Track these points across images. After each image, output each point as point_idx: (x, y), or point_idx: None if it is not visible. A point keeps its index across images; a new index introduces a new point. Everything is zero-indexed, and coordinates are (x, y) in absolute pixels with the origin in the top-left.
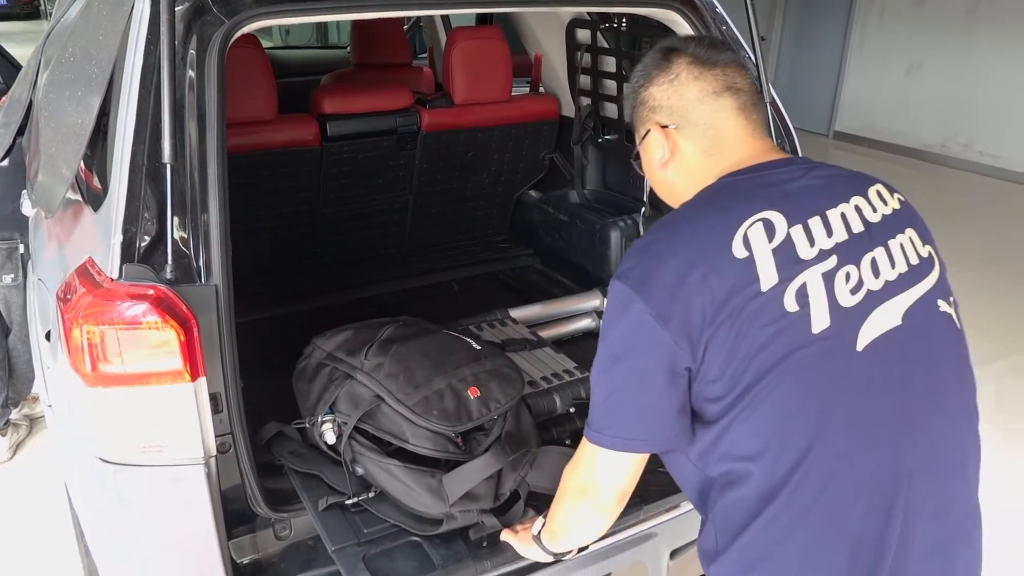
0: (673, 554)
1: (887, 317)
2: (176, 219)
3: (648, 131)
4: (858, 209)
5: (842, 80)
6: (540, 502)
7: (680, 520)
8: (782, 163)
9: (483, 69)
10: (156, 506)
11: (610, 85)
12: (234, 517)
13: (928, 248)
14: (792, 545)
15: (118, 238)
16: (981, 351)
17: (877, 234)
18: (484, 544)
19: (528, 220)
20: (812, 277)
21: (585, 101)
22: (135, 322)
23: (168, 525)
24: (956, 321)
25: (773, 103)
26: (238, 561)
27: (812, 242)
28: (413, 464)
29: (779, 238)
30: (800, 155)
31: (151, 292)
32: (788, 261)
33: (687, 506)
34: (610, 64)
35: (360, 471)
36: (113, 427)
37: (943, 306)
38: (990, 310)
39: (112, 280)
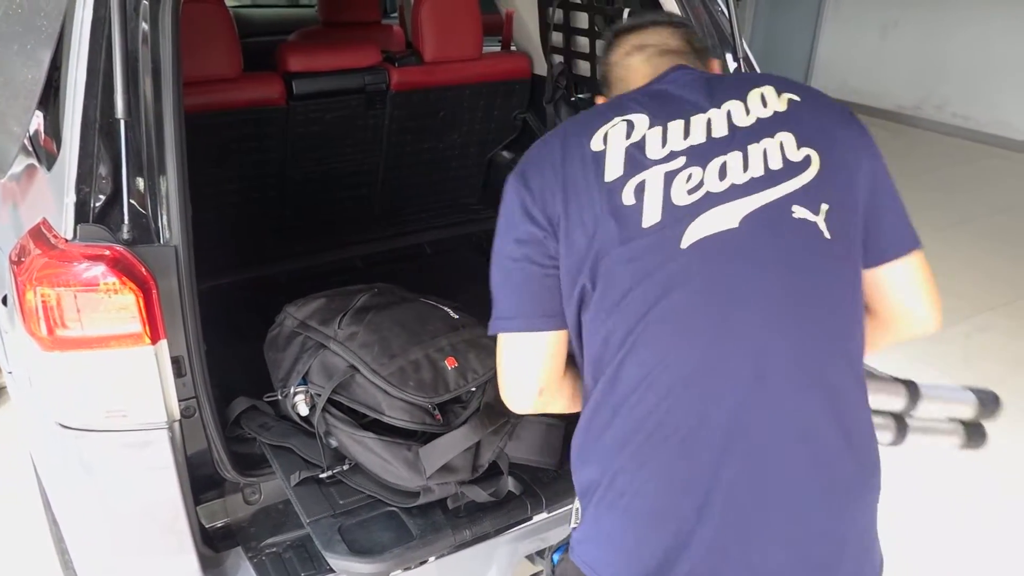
0: None
1: (721, 219)
2: (132, 178)
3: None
4: (729, 114)
5: (817, 41)
6: (523, 472)
7: None
8: (670, 71)
9: (453, 26)
10: (120, 472)
11: (583, 42)
12: (202, 482)
13: (806, 151)
14: (607, 433)
15: (71, 198)
16: (951, 309)
17: (740, 138)
18: (462, 513)
19: (501, 181)
20: (653, 175)
21: (557, 59)
22: (92, 284)
23: (134, 491)
24: (822, 230)
25: (746, 59)
26: (207, 526)
27: (664, 143)
28: (389, 436)
29: (635, 137)
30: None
31: (107, 253)
32: (635, 159)
33: None
34: (582, 20)
35: (334, 443)
36: (73, 392)
37: (800, 212)
38: (960, 269)
39: (67, 241)
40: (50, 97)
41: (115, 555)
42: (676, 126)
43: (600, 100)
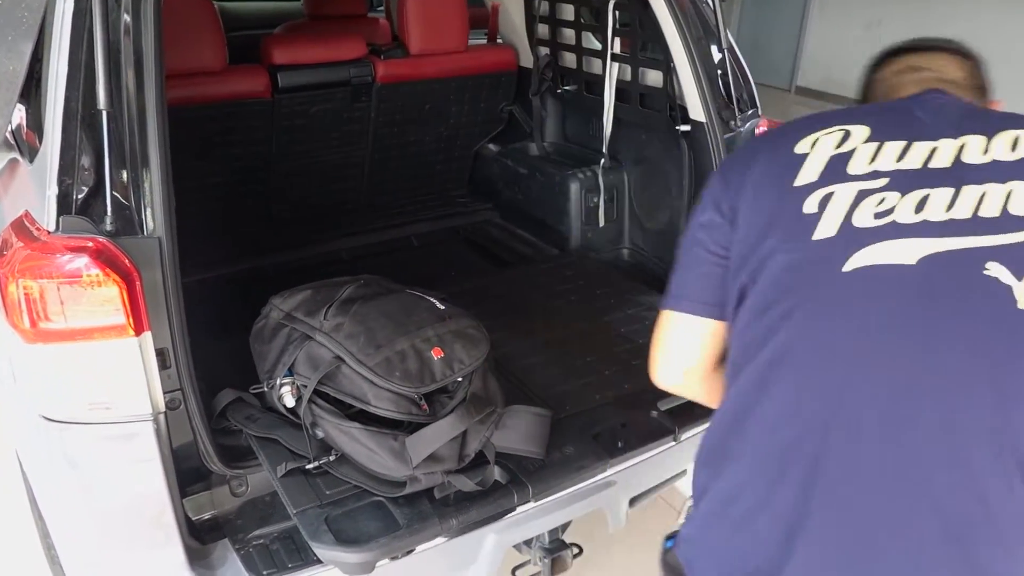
0: (632, 502)
1: (897, 252)
2: (115, 169)
3: None
4: (962, 148)
5: (804, 35)
6: (509, 461)
7: (639, 468)
8: (926, 92)
9: (439, 18)
10: (105, 465)
11: (568, 34)
12: (189, 475)
13: None
14: (733, 442)
15: (54, 189)
16: None
17: (960, 175)
18: (449, 503)
19: (487, 174)
20: (844, 190)
21: (544, 51)
22: (75, 276)
23: (119, 484)
24: (1017, 298)
25: (731, 49)
26: (194, 518)
27: (872, 160)
28: (375, 427)
29: (844, 148)
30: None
31: (90, 244)
32: (835, 169)
33: (646, 456)
34: (568, 12)
35: (320, 434)
36: (56, 385)
37: (995, 271)
38: None
39: (49, 233)
40: (32, 89)
41: (101, 549)
42: (894, 146)
43: None
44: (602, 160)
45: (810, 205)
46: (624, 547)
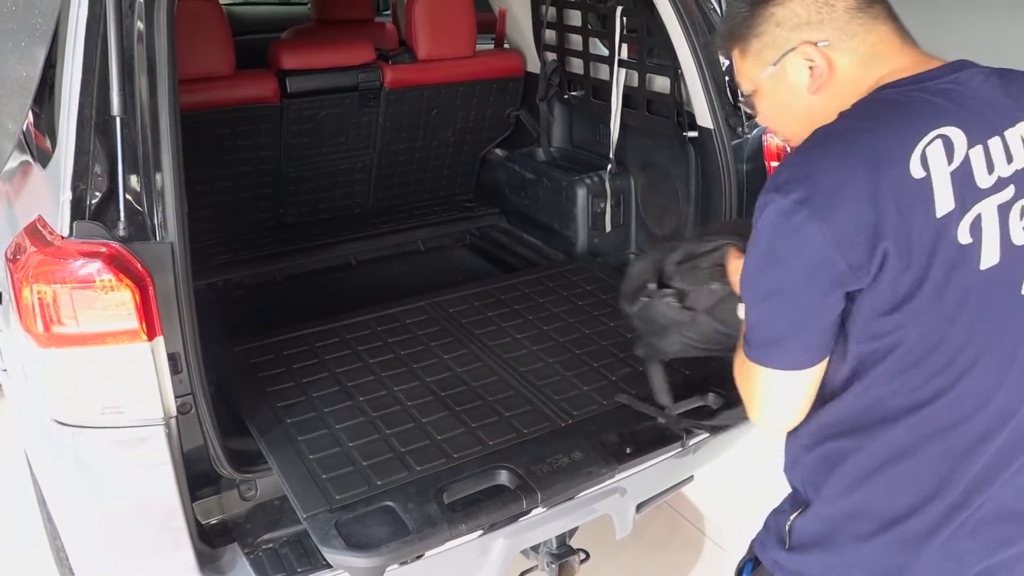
0: (639, 507)
1: None
2: (128, 175)
3: (786, 54)
4: None
5: None
6: (519, 467)
7: (647, 474)
8: (949, 68)
9: (446, 24)
10: (116, 469)
11: (576, 40)
12: (199, 479)
13: None
14: (890, 468)
15: (67, 195)
16: None
17: None
18: (458, 507)
19: (494, 179)
20: (987, 209)
21: (551, 57)
22: (88, 281)
23: (130, 488)
24: None
25: None
26: (204, 523)
27: (991, 168)
28: None
29: (957, 159)
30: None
31: (103, 250)
32: (965, 188)
33: (653, 461)
34: (575, 18)
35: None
36: (69, 389)
37: None
38: None
39: (63, 238)
40: (45, 95)
41: (111, 552)
42: (996, 145)
43: (800, 48)
44: (609, 166)
45: (963, 234)
46: (631, 553)
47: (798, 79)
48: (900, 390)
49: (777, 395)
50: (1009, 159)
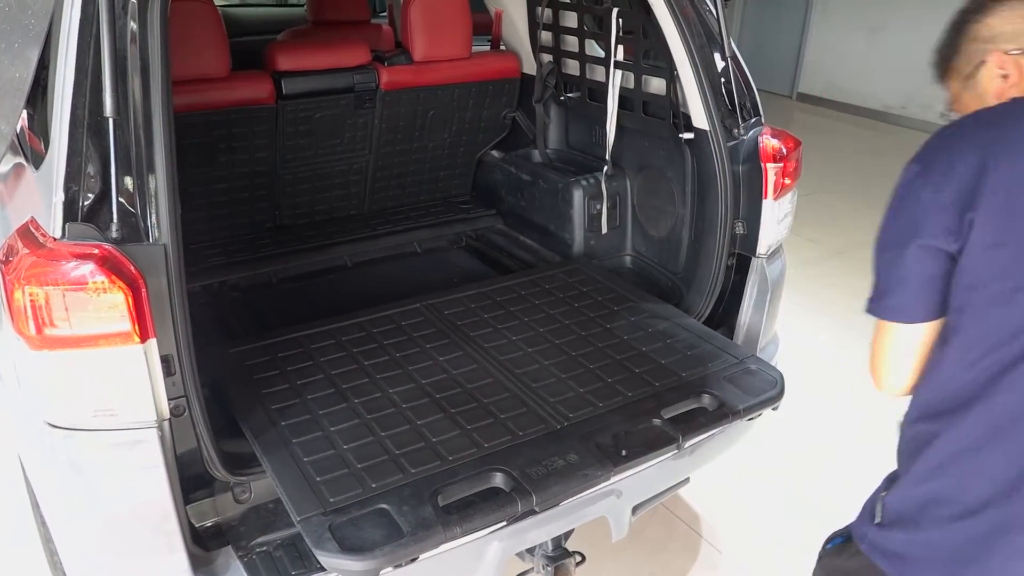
0: (635, 510)
1: None
2: (121, 176)
3: (983, 62)
4: None
5: (805, 42)
6: (514, 470)
7: (643, 477)
8: None
9: (442, 25)
10: (109, 472)
11: (572, 41)
12: (192, 481)
13: None
14: (975, 455)
15: (60, 196)
16: None
17: None
18: (453, 510)
19: (490, 180)
20: None
21: (547, 58)
22: (81, 283)
23: (123, 491)
24: None
25: (734, 57)
26: (197, 525)
27: None
28: None
29: None
30: (761, 115)
31: (96, 252)
32: None
33: (649, 464)
34: (571, 19)
35: None
36: (62, 391)
37: None
38: None
39: (55, 240)
40: (38, 96)
41: (104, 555)
42: None
43: (993, 57)
44: (605, 167)
45: None
46: (627, 555)
47: (989, 85)
48: (978, 376)
49: (889, 352)
50: None
